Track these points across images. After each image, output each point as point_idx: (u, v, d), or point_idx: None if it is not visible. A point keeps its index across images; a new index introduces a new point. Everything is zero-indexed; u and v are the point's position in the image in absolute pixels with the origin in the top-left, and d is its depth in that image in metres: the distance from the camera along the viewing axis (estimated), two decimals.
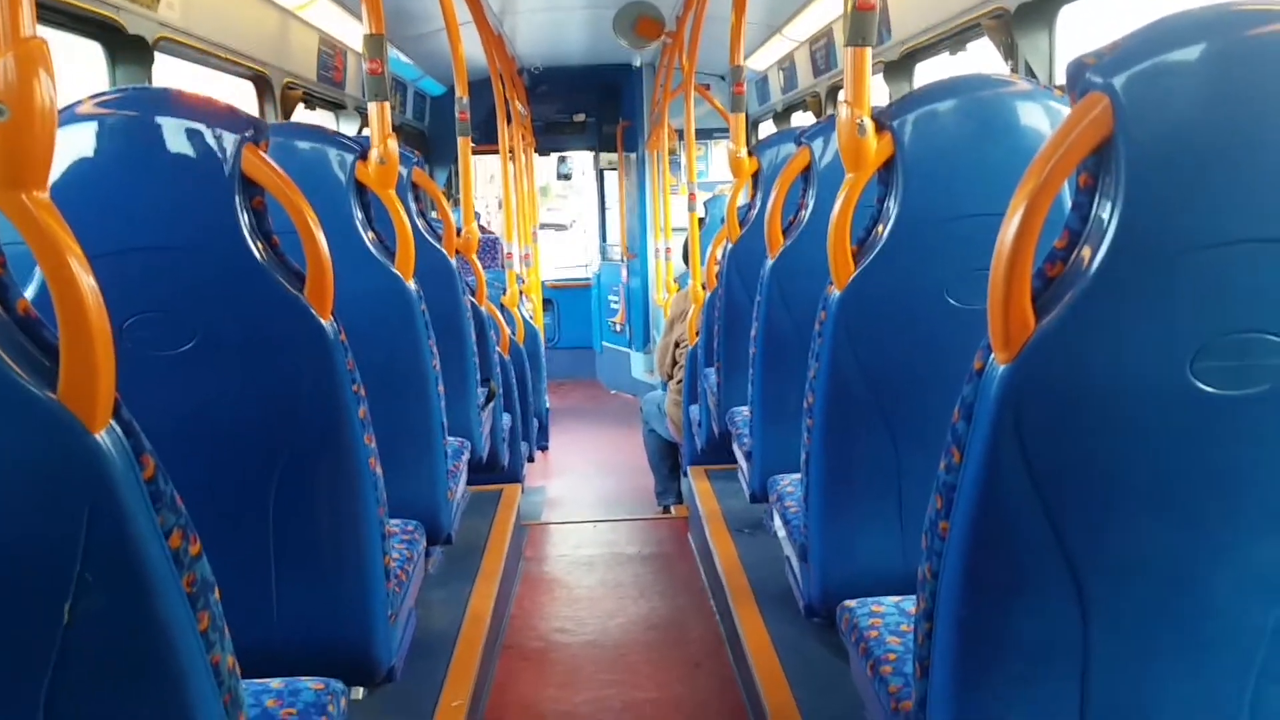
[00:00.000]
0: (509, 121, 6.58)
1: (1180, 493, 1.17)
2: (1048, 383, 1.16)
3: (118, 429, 1.05)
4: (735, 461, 3.48)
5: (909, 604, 1.82)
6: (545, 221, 11.06)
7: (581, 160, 11.50)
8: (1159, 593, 1.21)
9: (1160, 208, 1.10)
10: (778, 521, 2.65)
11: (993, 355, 1.19)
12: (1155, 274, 1.11)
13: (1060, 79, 3.37)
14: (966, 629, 1.29)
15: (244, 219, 1.72)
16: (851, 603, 1.87)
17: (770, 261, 2.80)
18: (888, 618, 1.79)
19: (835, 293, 2.01)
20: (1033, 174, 1.14)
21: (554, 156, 11.15)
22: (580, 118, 9.80)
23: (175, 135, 1.72)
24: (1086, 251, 1.13)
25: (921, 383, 1.99)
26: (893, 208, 1.96)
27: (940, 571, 1.29)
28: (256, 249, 1.74)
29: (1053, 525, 1.18)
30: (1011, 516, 1.20)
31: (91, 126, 1.70)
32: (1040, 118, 1.95)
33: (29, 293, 1.10)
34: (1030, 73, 3.48)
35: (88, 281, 1.01)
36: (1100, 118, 1.10)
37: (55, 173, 1.02)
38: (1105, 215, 1.12)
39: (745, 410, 3.27)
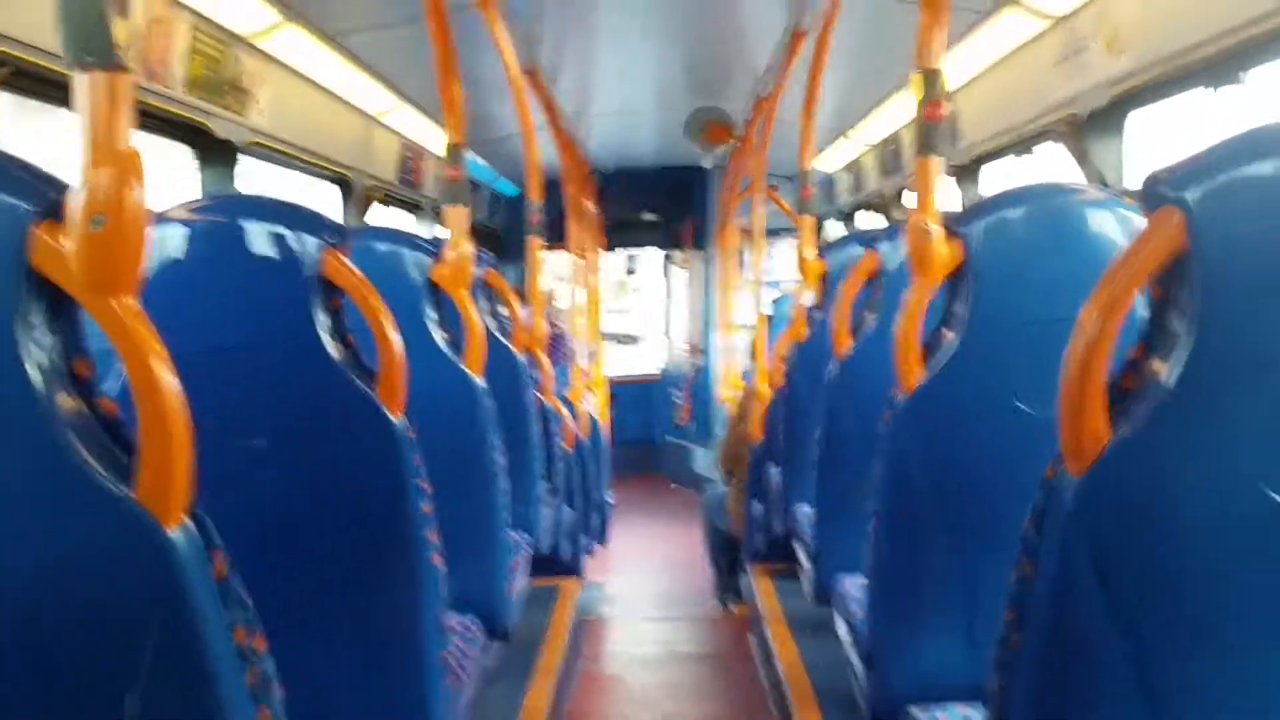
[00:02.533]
0: (578, 220, 6.70)
1: (1265, 618, 1.12)
2: (1123, 497, 1.13)
3: (191, 525, 1.07)
4: (796, 560, 3.42)
5: (976, 713, 1.76)
6: (613, 331, 11.14)
7: (648, 258, 11.62)
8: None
9: (1236, 323, 1.08)
10: (841, 624, 2.59)
11: (1064, 465, 1.17)
12: (1233, 390, 1.09)
13: (1129, 183, 3.38)
14: None
15: (321, 319, 1.77)
16: (916, 710, 1.82)
17: (837, 362, 2.79)
18: None
19: (902, 395, 2.00)
20: (1105, 285, 1.13)
21: (622, 254, 11.28)
22: (650, 216, 9.94)
23: (260, 238, 1.78)
24: (1160, 365, 1.12)
25: (990, 489, 1.96)
26: (962, 312, 1.95)
27: (1010, 687, 1.25)
28: (332, 349, 1.78)
29: (1128, 647, 1.13)
30: (1085, 634, 1.16)
31: (181, 230, 1.78)
32: (1112, 225, 1.94)
33: (112, 386, 1.14)
34: (1101, 179, 3.48)
35: (170, 384, 1.04)
36: (1174, 231, 1.10)
37: (147, 274, 1.06)
38: (1179, 329, 1.10)
39: (809, 509, 3.23)
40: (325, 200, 4.83)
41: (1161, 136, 3.49)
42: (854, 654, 2.40)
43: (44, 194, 1.04)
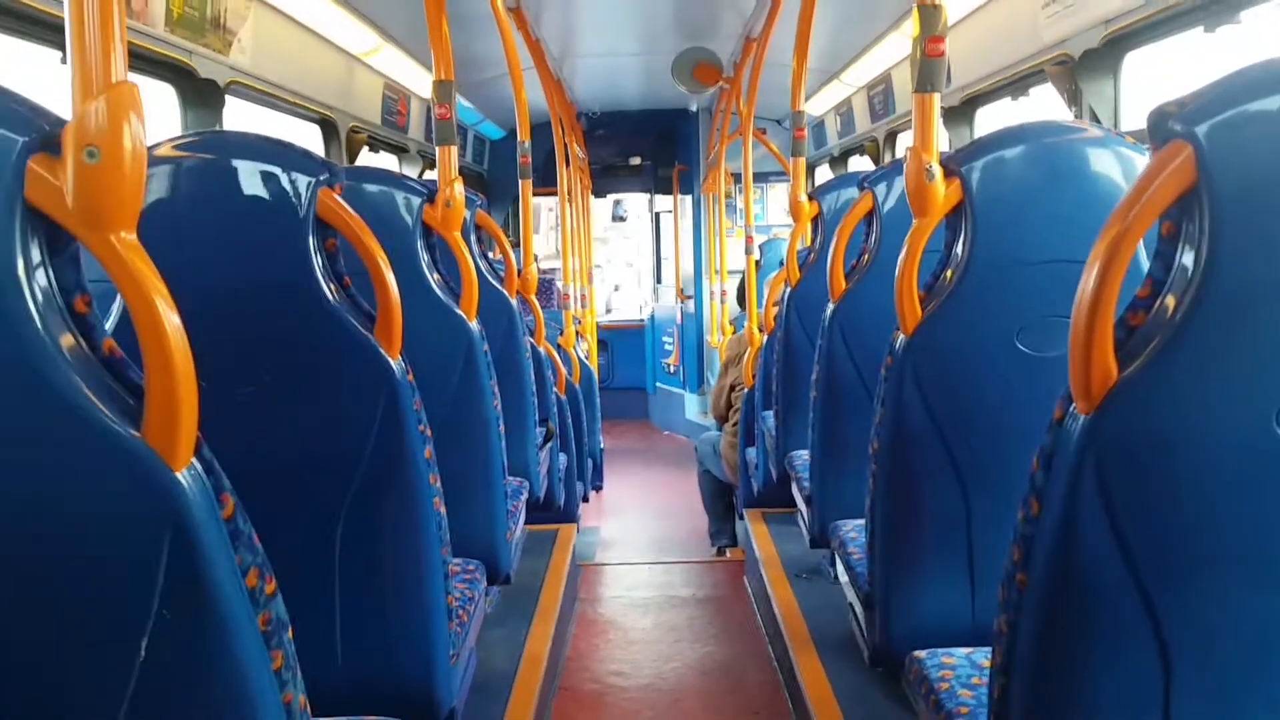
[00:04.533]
0: (567, 164, 6.65)
1: (1267, 550, 1.14)
2: (1131, 433, 1.14)
3: (199, 467, 1.06)
4: (792, 505, 3.45)
5: (981, 656, 1.78)
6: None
7: (636, 203, 11.58)
8: (1246, 654, 1.17)
9: (1246, 256, 1.08)
10: (840, 568, 2.61)
11: (1073, 405, 1.17)
12: (1242, 324, 1.09)
13: (1125, 125, 3.36)
14: (1045, 685, 1.25)
15: (317, 260, 1.75)
16: (921, 654, 1.83)
17: (833, 305, 2.79)
18: (959, 670, 1.76)
19: (902, 337, 2.00)
20: (1115, 221, 1.13)
21: (610, 199, 11.23)
22: (637, 161, 9.89)
23: (251, 178, 1.75)
24: (1171, 300, 1.12)
25: (992, 430, 1.96)
26: (961, 253, 1.94)
27: (1017, 624, 1.27)
28: (329, 290, 1.76)
29: (1136, 582, 1.15)
30: (1093, 570, 1.17)
31: (170, 169, 1.74)
32: (1111, 164, 1.92)
33: (109, 325, 1.12)
34: (1095, 119, 3.46)
35: (174, 322, 1.02)
36: (1183, 166, 1.09)
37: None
38: (1189, 264, 1.10)
39: (805, 454, 3.25)
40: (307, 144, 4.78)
41: (1160, 85, 3.47)
42: (854, 597, 2.42)
43: (38, 126, 1.01)
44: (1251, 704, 1.20)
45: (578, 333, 6.49)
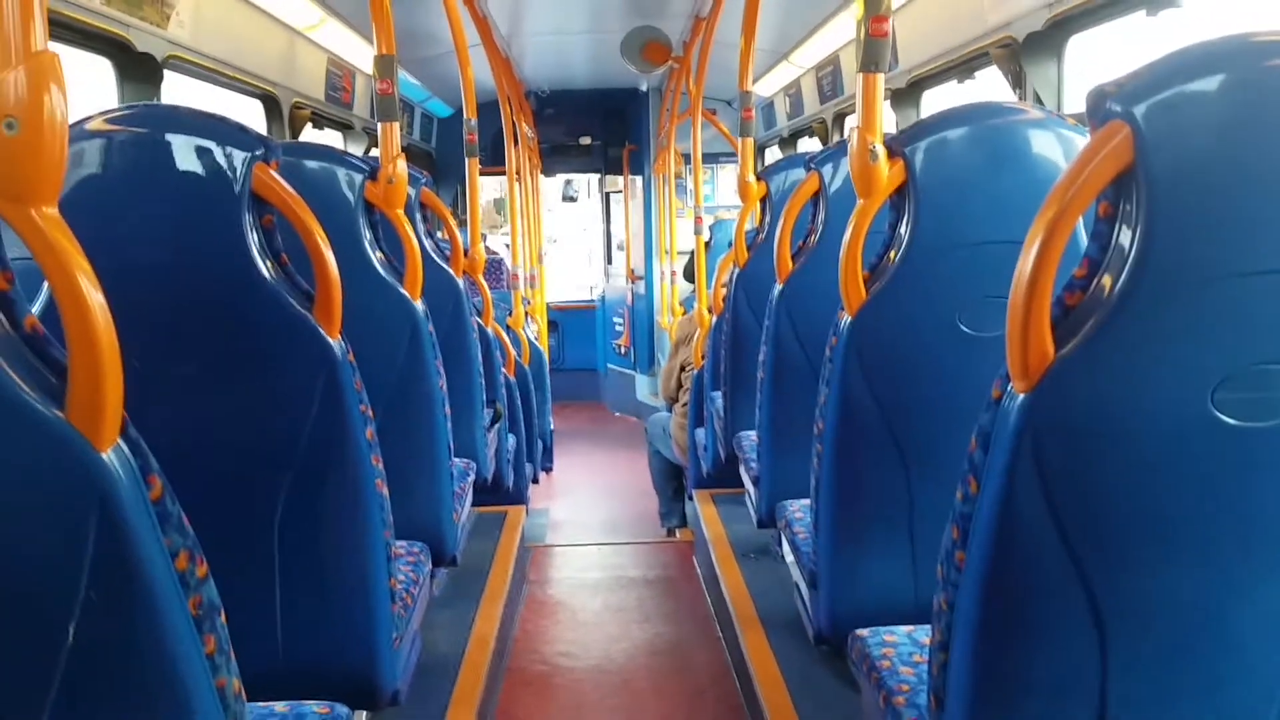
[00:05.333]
0: (515, 143, 6.60)
1: (1201, 527, 1.16)
2: (1067, 413, 1.15)
3: (125, 448, 1.03)
4: (741, 485, 3.46)
5: (922, 634, 1.80)
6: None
7: (587, 183, 11.54)
8: (1180, 630, 1.20)
9: (1182, 237, 1.09)
10: (786, 547, 2.63)
11: (1011, 384, 1.18)
12: (1177, 303, 1.10)
13: (1068, 108, 3.40)
14: (983, 663, 1.27)
15: (253, 237, 1.71)
16: (863, 632, 1.85)
17: (779, 286, 2.79)
18: (900, 648, 1.77)
19: (847, 318, 2.00)
20: (1052, 201, 1.13)
21: (559, 179, 11.18)
22: (586, 140, 9.85)
23: (185, 153, 1.71)
24: (1107, 280, 1.13)
25: (934, 410, 1.98)
26: (905, 234, 1.95)
27: (956, 603, 1.28)
28: (265, 268, 1.73)
29: (1072, 559, 1.16)
30: (1030, 548, 1.19)
31: (101, 143, 1.69)
32: (1053, 146, 1.94)
33: (35, 308, 1.09)
34: (1039, 101, 3.49)
35: (97, 299, 1.00)
36: (1121, 146, 1.10)
37: (64, 188, 1.01)
38: (1126, 244, 1.11)
39: (753, 434, 3.26)
40: (256, 123, 4.69)
41: (1101, 69, 3.50)
42: (799, 577, 2.43)
43: None
44: (1185, 679, 1.22)
45: (527, 314, 6.46)
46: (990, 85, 4.07)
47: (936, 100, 4.70)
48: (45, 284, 1.00)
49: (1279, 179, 1.08)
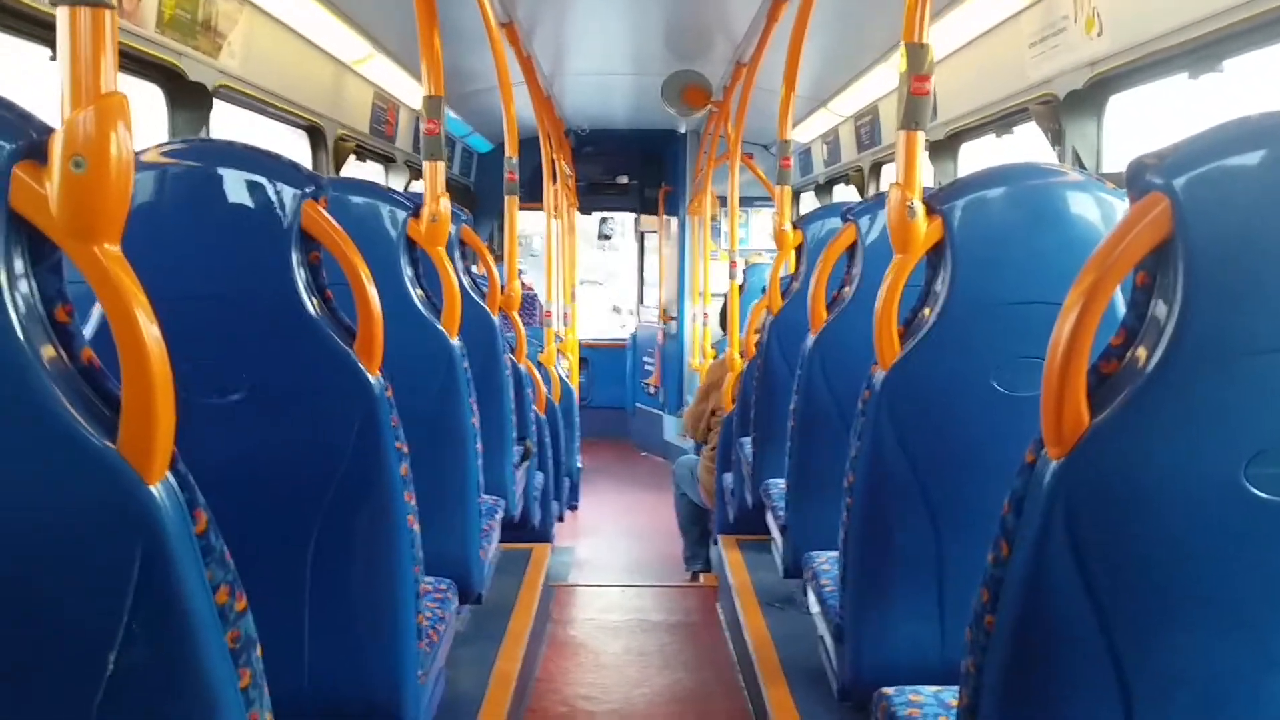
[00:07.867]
0: (554, 180, 6.65)
1: (1232, 598, 1.15)
2: (1101, 481, 1.15)
3: (173, 481, 1.06)
4: (767, 532, 3.45)
5: (948, 695, 1.79)
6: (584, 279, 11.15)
7: (622, 222, 11.60)
8: (1207, 700, 1.18)
9: (1219, 310, 1.10)
10: (812, 599, 2.61)
11: (1044, 450, 1.18)
12: (1212, 376, 1.10)
13: (1107, 167, 3.40)
14: None
15: (300, 274, 1.75)
16: (889, 690, 1.84)
17: (813, 336, 2.80)
18: (926, 708, 1.76)
19: (880, 373, 2.01)
20: (1090, 270, 1.14)
21: (595, 216, 11.26)
22: (624, 180, 9.91)
23: (237, 187, 1.75)
24: (1142, 351, 1.13)
25: (965, 468, 1.98)
26: (941, 291, 1.96)
27: (984, 667, 1.27)
28: (310, 303, 1.76)
29: (1102, 627, 1.16)
30: (1060, 615, 1.18)
31: (155, 175, 1.73)
32: (1091, 208, 1.95)
33: (87, 330, 1.12)
34: (1077, 159, 3.49)
35: (153, 335, 1.02)
36: (1160, 218, 1.11)
37: None
38: (1162, 315, 1.12)
39: (781, 483, 3.25)
40: (293, 151, 4.76)
41: (1142, 128, 3.50)
42: (825, 629, 2.42)
43: (25, 133, 1.00)
44: None
45: (559, 350, 6.48)
46: (1028, 141, 4.07)
47: (974, 153, 4.71)
48: (96, 308, 1.03)
49: None
